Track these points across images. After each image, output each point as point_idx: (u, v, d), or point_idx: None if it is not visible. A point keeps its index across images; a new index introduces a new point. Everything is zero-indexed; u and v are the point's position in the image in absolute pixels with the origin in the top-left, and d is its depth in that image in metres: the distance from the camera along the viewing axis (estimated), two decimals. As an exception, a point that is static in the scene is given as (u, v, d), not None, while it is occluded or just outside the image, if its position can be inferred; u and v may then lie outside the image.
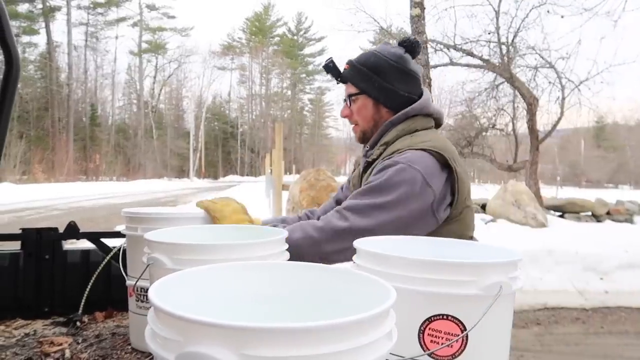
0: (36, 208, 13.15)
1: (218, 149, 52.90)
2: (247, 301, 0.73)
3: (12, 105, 1.67)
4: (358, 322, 0.48)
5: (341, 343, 0.47)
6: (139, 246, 1.25)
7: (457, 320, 0.78)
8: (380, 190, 1.26)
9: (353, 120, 1.53)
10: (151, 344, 0.51)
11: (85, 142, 39.02)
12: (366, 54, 1.49)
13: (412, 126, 1.43)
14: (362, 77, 1.46)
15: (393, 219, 1.23)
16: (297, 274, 0.74)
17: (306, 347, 0.45)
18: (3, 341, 1.40)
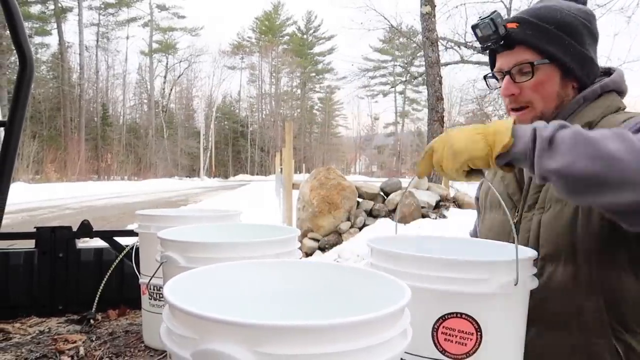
0: (49, 207, 13.30)
1: (228, 148, 53.09)
2: (261, 299, 0.73)
3: (27, 105, 1.69)
4: (373, 320, 0.48)
5: (356, 341, 0.47)
6: (152, 244, 1.26)
7: (471, 318, 0.78)
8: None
9: (522, 100, 1.10)
10: (167, 341, 0.51)
11: (97, 142, 39.37)
12: (545, 8, 1.11)
13: (614, 104, 1.10)
14: (549, 38, 1.07)
15: None
16: (310, 272, 0.74)
17: (320, 345, 0.45)
18: (19, 338, 1.42)
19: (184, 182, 33.97)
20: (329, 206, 6.36)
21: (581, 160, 0.76)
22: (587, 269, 0.99)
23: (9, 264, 1.63)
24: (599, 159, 0.76)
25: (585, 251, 1.00)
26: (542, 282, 1.00)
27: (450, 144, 0.87)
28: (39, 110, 33.98)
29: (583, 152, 0.77)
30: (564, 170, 0.78)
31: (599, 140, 0.77)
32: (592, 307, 0.99)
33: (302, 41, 56.69)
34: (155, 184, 27.71)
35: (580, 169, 0.77)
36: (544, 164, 0.80)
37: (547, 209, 1.05)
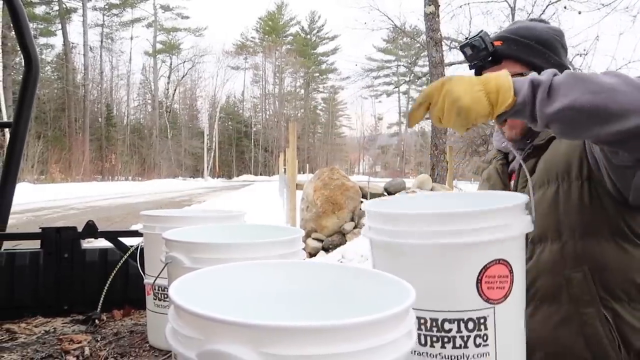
0: (53, 207, 13.36)
1: (232, 149, 53.19)
2: (265, 300, 0.73)
3: (32, 105, 1.70)
4: (378, 321, 0.48)
5: (361, 342, 0.47)
6: (157, 245, 1.26)
7: (506, 262, 0.80)
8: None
9: None
10: (172, 342, 0.51)
11: (101, 142, 39.52)
12: (523, 27, 1.26)
13: None
14: (531, 51, 1.21)
15: None
16: (314, 273, 0.74)
17: (325, 346, 0.45)
18: (24, 338, 1.43)
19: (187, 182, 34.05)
20: (332, 206, 6.36)
21: (584, 95, 0.81)
22: (572, 244, 1.09)
23: (14, 264, 1.64)
24: (599, 92, 0.80)
25: (569, 227, 1.09)
26: (532, 263, 1.12)
27: (451, 99, 0.85)
28: (44, 111, 34.14)
29: (584, 88, 0.81)
30: (567, 109, 0.82)
31: (596, 77, 0.82)
32: (579, 277, 1.07)
33: (305, 41, 56.73)
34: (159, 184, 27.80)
35: (583, 104, 0.81)
36: (547, 110, 0.83)
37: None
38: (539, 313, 1.13)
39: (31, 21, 30.21)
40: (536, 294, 1.12)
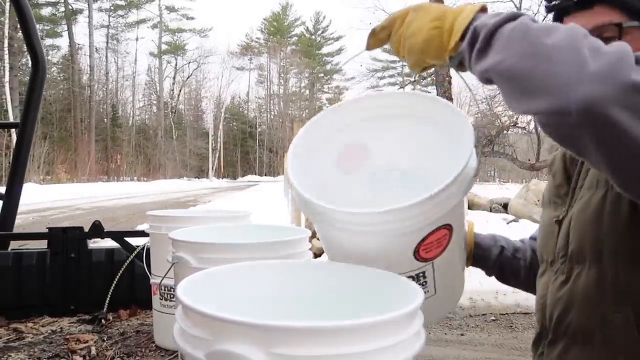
0: (60, 208, 13.43)
1: (237, 149, 53.28)
2: (272, 300, 0.73)
3: (40, 105, 1.71)
4: (387, 321, 0.48)
5: (369, 343, 0.47)
6: (163, 245, 1.26)
7: (448, 225, 0.78)
8: None
9: None
10: (180, 342, 0.51)
11: (107, 143, 39.68)
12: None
13: None
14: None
15: None
16: (320, 273, 0.74)
17: (334, 347, 0.45)
18: (31, 338, 1.44)
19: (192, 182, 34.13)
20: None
21: (510, 57, 0.64)
22: (613, 274, 0.83)
23: (22, 264, 1.64)
24: (528, 55, 0.63)
25: (612, 250, 0.83)
26: (567, 288, 0.87)
27: (407, 33, 0.76)
28: (50, 112, 34.33)
29: (515, 47, 0.64)
30: (491, 70, 0.67)
31: (543, 33, 0.63)
32: (619, 320, 0.82)
33: (310, 42, 56.75)
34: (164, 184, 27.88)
35: (504, 68, 0.65)
36: (477, 66, 0.69)
37: (579, 199, 0.89)
38: (570, 355, 0.88)
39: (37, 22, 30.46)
40: (567, 330, 0.87)
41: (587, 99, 0.57)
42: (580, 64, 0.58)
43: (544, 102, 0.61)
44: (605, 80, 0.57)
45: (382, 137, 0.86)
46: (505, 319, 4.45)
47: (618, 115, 0.56)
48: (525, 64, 0.62)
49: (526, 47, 0.63)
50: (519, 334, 4.08)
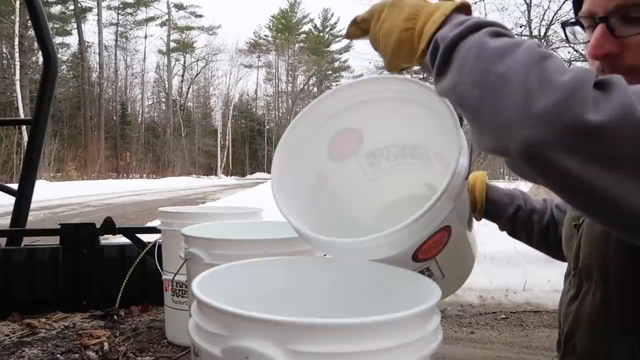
0: (70, 205, 13.54)
1: (245, 147, 53.40)
2: (288, 296, 0.73)
3: (52, 101, 1.71)
4: (405, 318, 0.48)
5: (388, 340, 0.46)
6: (175, 241, 1.26)
7: (448, 227, 0.74)
8: None
9: (623, 65, 0.70)
10: (195, 337, 0.51)
11: (116, 141, 39.92)
12: None
13: None
14: None
15: None
16: (335, 269, 0.74)
17: (353, 344, 0.45)
18: (44, 333, 1.45)
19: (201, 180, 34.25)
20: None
21: (462, 84, 0.58)
22: (619, 298, 0.74)
23: (35, 260, 1.66)
24: (476, 84, 0.55)
25: (619, 271, 0.75)
26: (576, 305, 0.81)
27: (382, 32, 0.70)
28: (60, 109, 34.60)
29: (467, 72, 0.57)
30: (447, 94, 0.62)
31: (493, 57, 0.55)
32: (623, 349, 0.75)
33: (318, 39, 56.66)
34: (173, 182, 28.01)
35: (457, 95, 0.59)
36: (437, 83, 0.63)
37: None
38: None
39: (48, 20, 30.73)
40: (575, 350, 0.82)
41: (527, 142, 0.49)
42: (524, 101, 0.50)
43: (489, 140, 0.55)
44: (549, 121, 0.48)
45: (373, 120, 0.83)
46: (516, 317, 4.41)
47: (564, 161, 0.49)
48: (473, 95, 0.56)
49: (476, 73, 0.56)
50: (529, 333, 4.05)
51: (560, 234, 0.96)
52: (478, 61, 0.56)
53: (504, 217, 1.04)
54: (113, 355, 1.27)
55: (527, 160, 0.51)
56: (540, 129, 0.49)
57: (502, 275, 5.16)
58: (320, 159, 0.85)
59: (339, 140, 0.85)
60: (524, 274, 5.13)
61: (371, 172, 0.91)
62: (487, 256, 5.45)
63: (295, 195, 0.80)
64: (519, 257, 5.44)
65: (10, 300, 1.60)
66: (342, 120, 0.82)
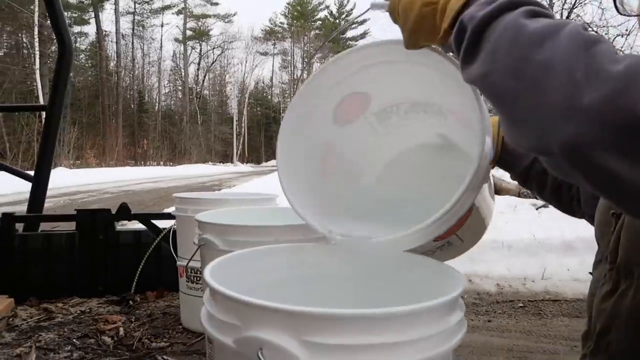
0: (89, 191, 13.73)
1: (261, 134, 53.49)
2: (302, 283, 0.70)
3: (67, 87, 1.70)
4: (429, 309, 0.45)
5: (410, 332, 0.44)
6: (189, 227, 1.25)
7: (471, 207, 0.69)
8: None
9: None
10: (208, 327, 0.49)
11: (134, 129, 40.28)
12: None
13: None
14: None
15: None
16: (352, 256, 0.71)
17: (373, 336, 0.42)
18: (61, 318, 1.45)
19: (217, 167, 34.44)
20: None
21: (495, 72, 0.51)
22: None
23: (51, 245, 1.66)
24: (513, 74, 0.49)
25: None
26: (613, 302, 0.76)
27: (401, 5, 0.64)
28: (79, 98, 35.01)
29: (501, 59, 0.50)
30: (477, 82, 0.55)
31: (532, 42, 0.48)
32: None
33: (334, 26, 56.14)
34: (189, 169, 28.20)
35: (489, 85, 0.52)
36: (464, 69, 0.56)
37: None
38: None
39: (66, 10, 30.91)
40: (608, 348, 0.78)
41: (572, 141, 0.44)
42: (569, 94, 0.44)
43: (527, 138, 0.50)
44: (598, 118, 0.43)
45: (382, 82, 0.78)
46: (534, 305, 4.35)
47: (613, 163, 0.43)
48: (508, 86, 0.49)
49: (513, 61, 0.49)
50: (547, 322, 3.99)
51: (573, 192, 0.94)
52: (514, 46, 0.49)
53: (518, 169, 0.98)
54: (128, 341, 1.27)
55: (571, 160, 0.46)
56: (587, 126, 0.43)
57: (520, 264, 5.10)
58: (327, 126, 0.81)
59: (346, 104, 0.81)
60: (542, 263, 5.05)
61: (380, 127, 0.86)
62: (504, 244, 5.38)
63: (303, 175, 0.76)
64: (537, 246, 5.36)
65: (27, 285, 1.61)
66: (349, 85, 0.78)
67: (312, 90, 0.77)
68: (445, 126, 0.80)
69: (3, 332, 1.33)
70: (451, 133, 0.80)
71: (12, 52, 29.41)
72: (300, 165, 0.77)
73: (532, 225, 5.96)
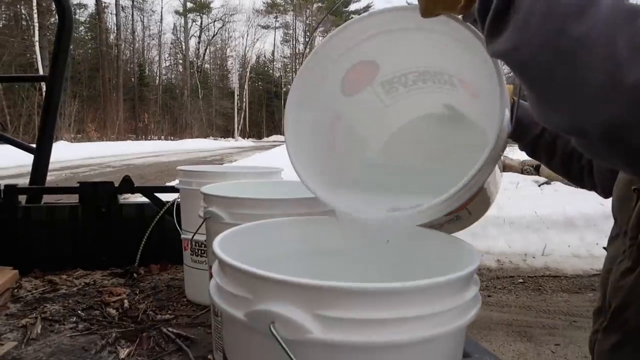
0: (90, 165, 13.76)
1: (262, 109, 53.21)
2: (309, 257, 0.69)
3: (67, 56, 1.67)
4: (443, 284, 0.44)
5: (424, 307, 0.43)
6: (193, 200, 1.24)
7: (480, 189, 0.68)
8: None
9: None
10: (217, 299, 0.48)
11: (135, 102, 40.06)
12: None
13: None
14: None
15: None
16: (362, 229, 0.70)
17: (386, 311, 0.41)
18: (65, 290, 1.46)
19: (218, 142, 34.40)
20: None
21: (526, 46, 0.45)
22: None
23: (54, 217, 1.66)
24: (547, 49, 0.44)
25: None
26: (632, 279, 0.74)
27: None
28: (79, 71, 34.71)
29: (534, 32, 0.44)
30: (504, 57, 0.50)
31: (569, 13, 0.43)
32: None
33: (337, -2, 55.17)
34: (190, 143, 28.18)
35: (518, 61, 0.47)
36: (489, 43, 0.51)
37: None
38: (623, 354, 0.78)
39: (64, -21, 30.28)
40: (624, 326, 0.76)
41: (611, 122, 0.41)
42: (610, 72, 0.40)
43: (560, 118, 0.46)
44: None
45: (391, 50, 0.74)
46: (534, 281, 4.39)
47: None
48: (542, 62, 0.45)
49: (546, 34, 0.44)
50: (547, 297, 4.03)
51: (584, 163, 0.92)
52: (548, 18, 0.44)
53: (527, 138, 0.96)
54: (133, 313, 1.27)
55: (609, 143, 0.43)
56: (629, 107, 0.40)
57: (521, 240, 5.12)
58: (335, 97, 0.78)
59: (353, 74, 0.78)
60: (544, 239, 5.08)
61: (387, 98, 0.83)
62: (506, 221, 5.39)
63: (312, 148, 0.75)
64: (539, 222, 5.37)
65: (31, 257, 1.61)
66: (358, 53, 0.75)
67: (321, 58, 0.74)
68: (454, 96, 0.78)
69: (8, 303, 1.33)
70: (460, 104, 0.77)
71: (11, 23, 29.04)
72: (308, 137, 0.75)
73: (534, 201, 5.97)
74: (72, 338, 1.13)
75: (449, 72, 0.76)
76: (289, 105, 0.73)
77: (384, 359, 0.42)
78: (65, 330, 1.17)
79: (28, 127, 23.04)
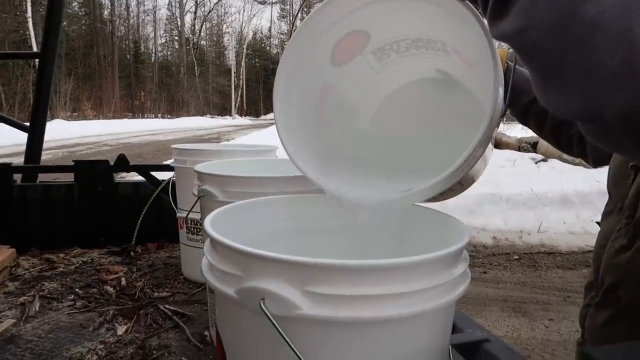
0: (87, 144, 13.69)
1: (259, 87, 52.79)
2: (303, 234, 0.70)
3: (59, 31, 1.65)
4: (432, 260, 0.44)
5: (413, 283, 0.43)
6: (188, 178, 1.24)
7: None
8: None
9: None
10: (209, 277, 0.48)
11: (130, 80, 39.67)
12: None
13: None
14: None
15: None
16: (355, 208, 0.70)
17: (375, 287, 0.42)
18: (63, 268, 1.47)
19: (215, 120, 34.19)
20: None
21: (534, 28, 0.42)
22: None
23: (50, 196, 1.66)
24: (558, 30, 0.41)
25: None
26: (627, 258, 0.73)
27: None
28: (73, 48, 34.24)
29: (543, 13, 0.42)
30: (509, 40, 0.47)
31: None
32: None
33: (334, -27, 54.27)
34: (187, 122, 28.01)
35: (525, 43, 0.44)
36: (493, 24, 0.49)
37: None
38: (615, 329, 0.79)
39: (55, -46, 29.59)
40: (617, 303, 0.77)
41: (628, 108, 0.39)
42: (625, 54, 0.38)
43: (572, 104, 0.43)
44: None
45: (383, 19, 0.73)
46: (529, 258, 4.43)
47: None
48: (550, 45, 0.42)
49: (556, 15, 0.41)
50: (542, 273, 4.08)
51: (573, 132, 0.92)
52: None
53: (518, 105, 0.95)
54: (130, 290, 1.28)
55: (625, 129, 0.40)
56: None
57: (517, 217, 5.15)
58: (325, 69, 0.76)
59: (343, 44, 0.76)
60: (539, 216, 5.11)
61: (378, 66, 0.80)
62: (502, 198, 5.42)
63: (301, 124, 0.73)
64: (535, 199, 5.40)
65: (28, 236, 1.62)
66: (348, 23, 0.74)
67: (310, 30, 0.73)
68: (448, 62, 0.76)
69: (6, 282, 1.34)
70: (454, 70, 0.76)
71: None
72: (298, 113, 0.74)
73: (530, 179, 5.99)
74: (70, 315, 1.14)
75: (442, 40, 0.74)
76: (278, 81, 0.72)
77: (373, 334, 0.43)
78: (63, 308, 1.18)
79: (23, 105, 22.85)
